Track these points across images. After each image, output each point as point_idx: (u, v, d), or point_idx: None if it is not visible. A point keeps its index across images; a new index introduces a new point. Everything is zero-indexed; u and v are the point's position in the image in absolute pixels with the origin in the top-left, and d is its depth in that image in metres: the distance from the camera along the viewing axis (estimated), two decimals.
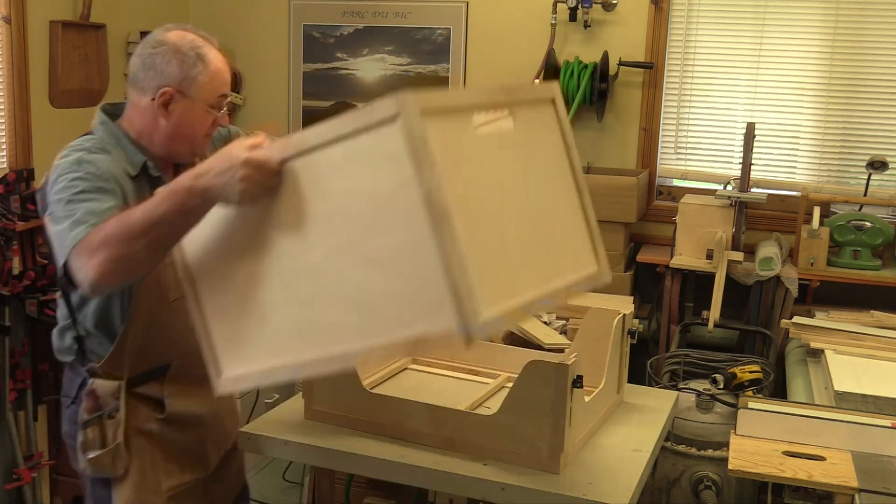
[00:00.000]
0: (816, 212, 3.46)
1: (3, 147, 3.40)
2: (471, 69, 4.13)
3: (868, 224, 3.45)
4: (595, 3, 3.80)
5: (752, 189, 3.53)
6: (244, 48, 4.40)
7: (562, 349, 2.83)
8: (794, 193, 3.72)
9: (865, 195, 3.58)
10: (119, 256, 1.63)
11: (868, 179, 3.55)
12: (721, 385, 2.87)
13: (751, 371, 2.91)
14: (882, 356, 2.84)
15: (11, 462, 3.28)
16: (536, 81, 3.90)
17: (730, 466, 2.20)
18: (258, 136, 1.66)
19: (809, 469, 2.16)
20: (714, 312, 3.35)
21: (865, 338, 2.97)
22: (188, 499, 2.07)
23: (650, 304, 3.82)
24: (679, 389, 2.82)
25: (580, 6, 3.80)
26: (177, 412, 2.03)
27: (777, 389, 3.16)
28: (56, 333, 2.01)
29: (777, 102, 3.79)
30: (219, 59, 1.95)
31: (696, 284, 3.64)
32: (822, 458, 2.22)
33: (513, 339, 3.12)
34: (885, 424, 2.30)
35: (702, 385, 2.94)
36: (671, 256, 3.54)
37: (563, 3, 3.82)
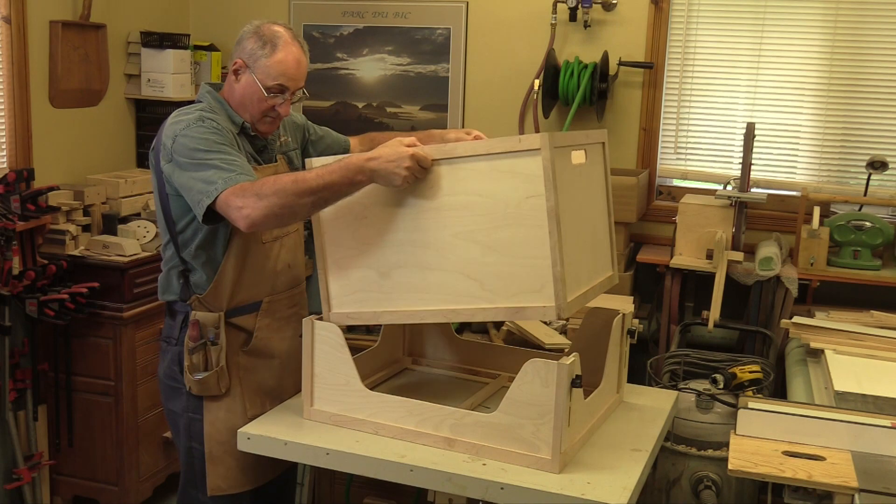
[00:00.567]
0: (816, 212, 3.46)
1: (3, 147, 3.40)
2: (471, 69, 4.13)
3: (868, 224, 3.45)
4: (595, 3, 3.80)
5: (752, 189, 3.53)
6: None
7: (562, 349, 2.83)
8: (794, 193, 3.73)
9: (865, 195, 3.57)
10: (287, 205, 2.00)
11: (868, 179, 3.55)
12: (721, 385, 2.87)
13: (751, 371, 2.91)
14: (882, 356, 2.83)
15: (11, 462, 3.28)
16: (536, 82, 3.91)
17: (730, 466, 2.20)
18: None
19: (809, 469, 2.16)
20: (714, 312, 3.35)
21: (865, 338, 2.97)
22: None
23: (650, 304, 3.82)
24: (679, 389, 2.82)
25: (580, 6, 3.80)
26: (259, 346, 2.32)
27: (777, 389, 3.16)
28: (162, 277, 2.31)
29: (777, 102, 3.79)
30: (290, 53, 2.23)
31: (696, 284, 3.64)
32: (822, 458, 2.22)
33: (513, 339, 3.12)
34: (885, 424, 2.30)
35: (702, 385, 2.94)
36: (671, 256, 3.54)
37: (563, 3, 3.82)
